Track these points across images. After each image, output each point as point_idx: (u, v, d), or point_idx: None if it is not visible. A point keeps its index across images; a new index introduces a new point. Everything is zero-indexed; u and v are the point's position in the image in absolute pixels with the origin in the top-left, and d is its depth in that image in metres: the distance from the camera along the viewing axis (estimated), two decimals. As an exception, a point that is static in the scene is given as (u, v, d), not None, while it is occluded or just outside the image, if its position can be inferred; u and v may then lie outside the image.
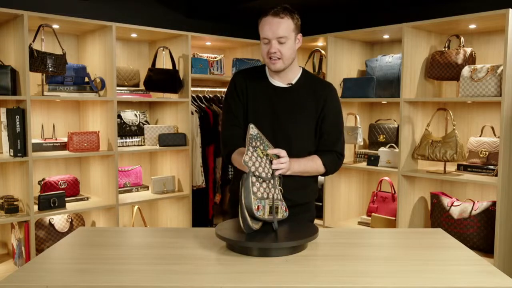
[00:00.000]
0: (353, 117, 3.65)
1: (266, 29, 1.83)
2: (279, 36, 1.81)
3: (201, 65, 3.78)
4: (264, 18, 1.84)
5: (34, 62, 2.88)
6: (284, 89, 1.94)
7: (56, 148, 3.24)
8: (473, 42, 3.26)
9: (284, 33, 1.82)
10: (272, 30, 1.81)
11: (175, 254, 1.56)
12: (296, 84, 1.95)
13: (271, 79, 1.96)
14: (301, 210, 1.95)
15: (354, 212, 3.87)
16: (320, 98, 1.92)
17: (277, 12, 1.82)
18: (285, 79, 1.94)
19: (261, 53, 1.92)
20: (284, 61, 1.86)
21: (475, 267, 1.46)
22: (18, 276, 1.36)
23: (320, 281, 1.34)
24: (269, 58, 1.86)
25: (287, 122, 1.89)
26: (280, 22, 1.81)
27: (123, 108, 3.70)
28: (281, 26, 1.81)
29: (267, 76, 1.97)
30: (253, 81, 1.96)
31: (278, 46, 1.83)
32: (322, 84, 2.00)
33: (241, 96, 1.95)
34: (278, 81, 1.95)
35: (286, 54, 1.84)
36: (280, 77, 1.94)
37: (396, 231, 1.99)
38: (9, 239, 3.20)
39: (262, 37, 1.86)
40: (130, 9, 3.80)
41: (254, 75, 1.99)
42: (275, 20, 1.81)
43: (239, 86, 1.96)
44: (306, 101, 1.92)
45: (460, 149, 2.96)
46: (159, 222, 3.97)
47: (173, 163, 3.82)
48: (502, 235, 2.78)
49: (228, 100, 1.99)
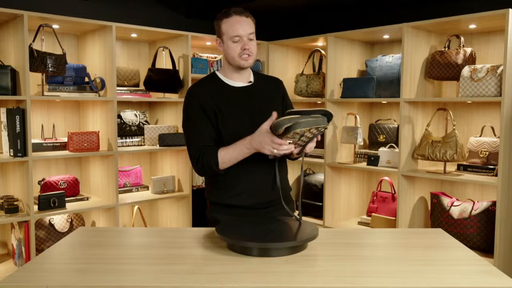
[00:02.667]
0: (353, 117, 3.66)
1: (237, 27, 1.86)
2: (249, 33, 1.88)
3: (201, 65, 3.79)
4: (230, 17, 1.88)
5: (34, 62, 2.88)
6: (247, 88, 1.97)
7: (56, 148, 3.24)
8: (473, 42, 3.26)
9: (252, 29, 1.90)
10: (243, 27, 1.87)
11: (175, 254, 1.56)
12: (255, 81, 2.00)
13: (229, 81, 1.96)
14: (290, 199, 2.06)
15: (354, 212, 3.87)
16: (279, 89, 2.06)
17: (242, 11, 1.89)
18: (245, 78, 1.98)
19: (227, 54, 1.91)
20: (253, 58, 1.93)
21: (475, 267, 1.46)
22: (18, 276, 1.36)
23: (320, 281, 1.34)
24: (239, 57, 1.88)
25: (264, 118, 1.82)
26: (247, 21, 1.89)
27: (123, 108, 3.70)
28: (249, 24, 1.90)
29: (223, 81, 1.96)
30: (213, 89, 1.93)
31: (249, 43, 1.88)
32: (273, 78, 2.13)
33: (208, 109, 1.87)
34: (239, 81, 1.97)
35: (254, 51, 1.92)
36: (241, 76, 1.97)
37: (396, 231, 1.99)
38: (9, 239, 3.20)
39: (232, 36, 1.87)
40: (130, 9, 3.80)
41: (211, 84, 1.96)
42: (243, 19, 1.88)
43: (202, 99, 1.88)
44: (270, 94, 2.01)
45: (460, 149, 2.96)
46: (159, 222, 3.97)
47: (173, 163, 3.82)
48: (502, 235, 2.79)
49: (193, 120, 1.89)
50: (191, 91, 1.94)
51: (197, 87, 1.95)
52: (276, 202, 1.95)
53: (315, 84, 3.75)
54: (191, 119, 1.90)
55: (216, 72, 2.00)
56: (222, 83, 1.96)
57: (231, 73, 1.96)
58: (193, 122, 1.90)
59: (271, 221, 1.79)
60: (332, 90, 3.61)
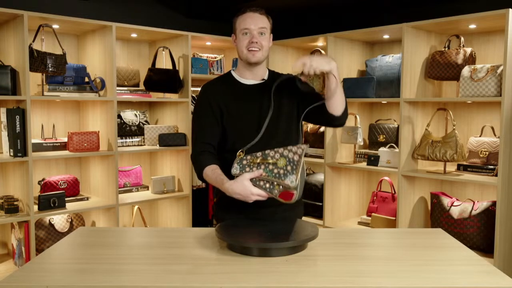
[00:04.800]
0: (353, 117, 3.65)
1: (248, 21, 1.88)
2: (260, 27, 1.88)
3: (201, 65, 3.79)
4: (244, 14, 1.91)
5: (34, 62, 2.88)
6: (258, 86, 1.95)
7: (56, 148, 3.24)
8: (473, 42, 3.26)
9: (265, 24, 1.90)
10: (254, 21, 1.88)
11: (175, 254, 1.56)
12: (268, 79, 1.97)
13: (242, 79, 1.96)
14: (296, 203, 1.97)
15: (354, 212, 3.87)
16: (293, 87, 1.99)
17: (256, 9, 1.91)
18: (258, 76, 1.96)
19: (238, 48, 1.92)
20: (263, 53, 1.90)
21: (475, 267, 1.46)
22: (18, 276, 1.36)
23: (320, 281, 1.34)
24: (248, 50, 1.88)
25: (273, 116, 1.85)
26: (260, 17, 1.90)
27: (123, 108, 3.70)
28: (262, 20, 1.90)
29: (235, 78, 1.97)
30: (225, 87, 1.95)
31: (259, 37, 1.88)
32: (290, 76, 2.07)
33: (214, 106, 1.91)
34: (251, 79, 1.96)
35: (265, 45, 1.90)
36: (253, 73, 1.95)
37: (396, 231, 1.99)
38: (9, 239, 3.20)
39: (241, 29, 1.89)
40: (130, 9, 3.80)
41: (223, 81, 1.98)
42: (256, 15, 1.90)
43: (211, 96, 1.93)
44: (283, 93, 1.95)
45: (460, 149, 2.96)
46: (159, 222, 3.97)
47: (173, 163, 3.82)
48: (502, 235, 2.79)
49: (199, 115, 1.95)
50: (203, 88, 1.99)
51: (209, 84, 2.00)
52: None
53: (316, 84, 3.75)
54: (198, 114, 1.96)
55: (231, 70, 2.01)
56: (234, 80, 1.97)
57: (244, 70, 1.96)
58: (198, 118, 1.95)
59: (271, 221, 1.79)
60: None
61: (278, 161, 1.66)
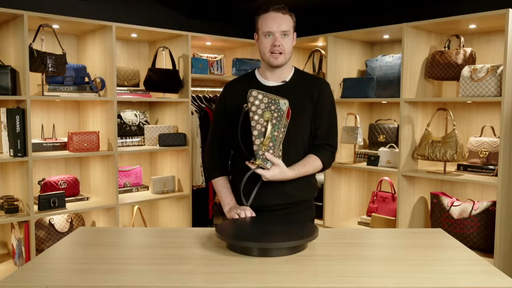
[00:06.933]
0: (353, 117, 3.65)
1: (271, 23, 1.85)
2: (283, 30, 1.86)
3: (201, 65, 3.78)
4: (266, 13, 1.88)
5: (34, 62, 2.88)
6: (278, 88, 1.92)
7: (56, 148, 3.24)
8: (473, 42, 3.26)
9: (288, 27, 1.87)
10: (277, 23, 1.85)
11: (175, 254, 1.56)
12: (290, 81, 1.95)
13: (263, 80, 1.95)
14: (304, 207, 1.99)
15: (354, 212, 3.87)
16: (314, 93, 1.94)
17: (279, 9, 1.87)
18: (279, 77, 1.94)
19: (260, 49, 1.91)
20: (285, 56, 1.88)
21: (475, 267, 1.46)
22: (18, 276, 1.36)
23: (320, 281, 1.34)
24: (270, 53, 1.86)
25: None
26: (283, 18, 1.87)
27: (123, 108, 3.70)
28: (285, 21, 1.87)
29: (258, 79, 1.97)
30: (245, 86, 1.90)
31: (281, 40, 1.86)
32: (315, 79, 2.03)
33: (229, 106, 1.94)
34: (272, 80, 1.94)
35: (288, 48, 1.88)
36: (275, 75, 1.94)
37: (396, 231, 1.99)
38: (9, 239, 3.20)
39: (264, 31, 1.87)
40: (130, 9, 3.80)
41: (244, 81, 1.99)
42: (278, 15, 1.86)
43: (228, 95, 1.98)
44: (301, 97, 1.92)
45: (460, 149, 2.96)
46: (159, 222, 3.97)
47: (173, 163, 3.82)
48: (502, 235, 2.79)
49: (215, 113, 2.04)
50: (224, 86, 2.04)
51: (230, 82, 2.04)
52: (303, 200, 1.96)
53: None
54: (214, 113, 2.05)
55: (256, 69, 2.01)
56: (255, 81, 1.96)
57: (265, 71, 1.95)
58: (215, 115, 2.03)
59: (271, 221, 1.79)
60: (332, 90, 3.61)
61: (264, 114, 1.74)
